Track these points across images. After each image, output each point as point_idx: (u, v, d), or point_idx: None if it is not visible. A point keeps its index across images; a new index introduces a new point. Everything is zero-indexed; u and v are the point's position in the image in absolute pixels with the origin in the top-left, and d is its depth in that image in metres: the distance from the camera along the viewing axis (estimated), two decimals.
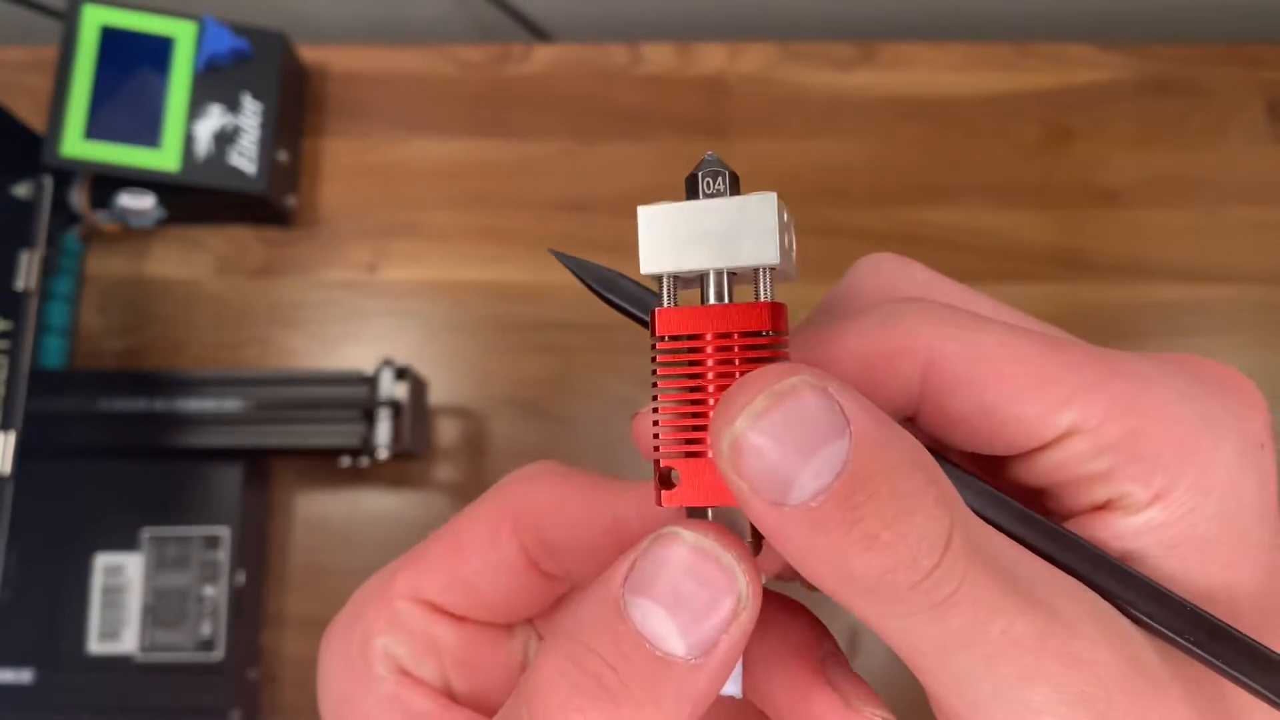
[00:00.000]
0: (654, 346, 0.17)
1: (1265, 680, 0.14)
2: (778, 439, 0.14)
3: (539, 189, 0.55)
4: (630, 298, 0.18)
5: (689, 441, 0.16)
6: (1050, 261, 0.54)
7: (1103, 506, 0.16)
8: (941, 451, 0.17)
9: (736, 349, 0.16)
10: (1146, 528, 0.16)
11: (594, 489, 0.21)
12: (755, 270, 0.16)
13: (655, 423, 0.16)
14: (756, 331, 0.16)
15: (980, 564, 0.14)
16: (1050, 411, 0.16)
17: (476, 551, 0.21)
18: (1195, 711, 0.15)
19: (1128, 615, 0.15)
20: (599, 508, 0.20)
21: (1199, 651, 0.15)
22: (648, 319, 0.17)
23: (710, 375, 0.16)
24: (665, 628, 0.15)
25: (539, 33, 0.63)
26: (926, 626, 0.14)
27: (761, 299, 0.16)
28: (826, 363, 0.16)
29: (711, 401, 0.16)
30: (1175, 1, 0.62)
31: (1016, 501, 0.16)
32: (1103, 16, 0.64)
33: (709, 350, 0.16)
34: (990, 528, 0.15)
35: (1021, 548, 0.15)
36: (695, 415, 0.16)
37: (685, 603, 0.15)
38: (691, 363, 0.16)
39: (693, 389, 0.16)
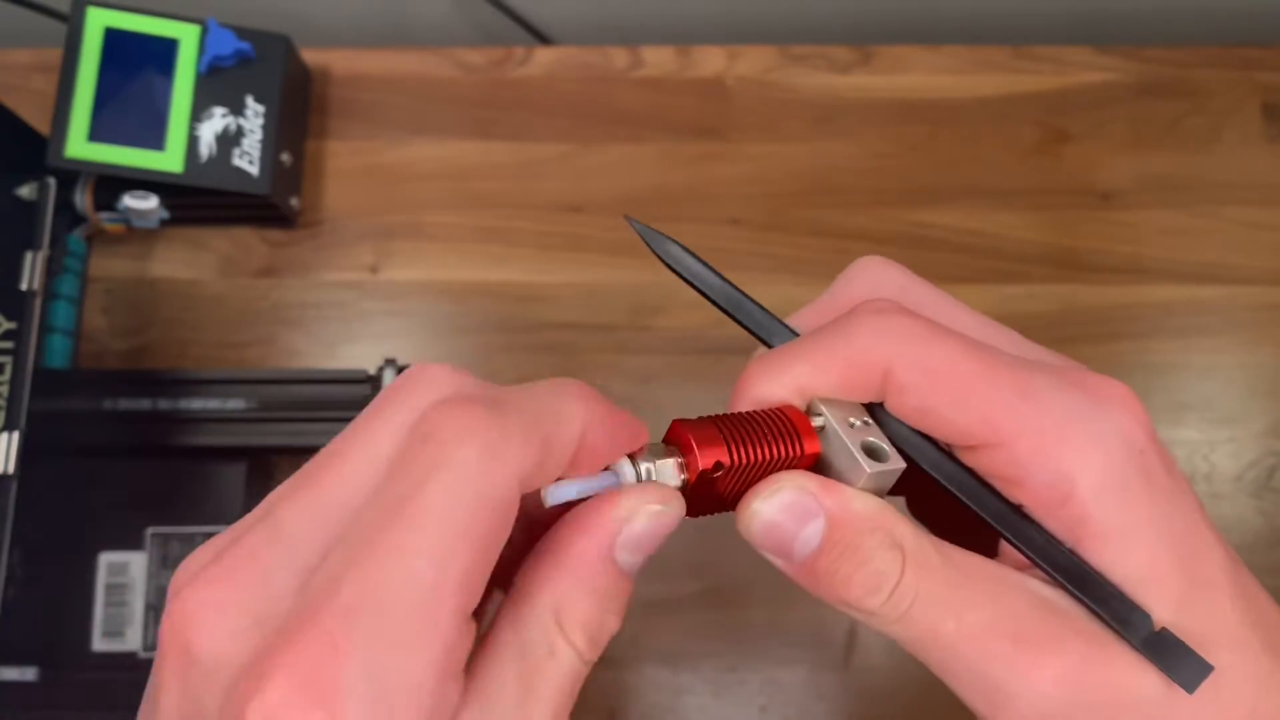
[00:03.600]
0: (787, 418, 0.21)
1: (1108, 610, 0.20)
2: (778, 516, 0.20)
3: (540, 190, 0.55)
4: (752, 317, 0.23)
5: (742, 476, 0.21)
6: (1047, 262, 0.54)
7: (1019, 508, 0.21)
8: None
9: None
10: (1071, 522, 0.20)
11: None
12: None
13: (739, 442, 0.20)
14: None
15: (932, 580, 0.20)
16: (973, 423, 0.20)
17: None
18: (1093, 634, 0.20)
19: (1041, 570, 0.21)
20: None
21: (1074, 591, 0.20)
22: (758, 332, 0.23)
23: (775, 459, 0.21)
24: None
25: (540, 36, 0.63)
26: (904, 629, 0.20)
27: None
28: (815, 376, 0.21)
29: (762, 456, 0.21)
30: (1171, 4, 0.63)
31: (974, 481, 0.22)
32: (1099, 19, 0.64)
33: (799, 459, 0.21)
34: (948, 546, 0.21)
35: (970, 554, 0.21)
36: (754, 451, 0.21)
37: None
38: (785, 446, 0.21)
39: (768, 458, 0.21)
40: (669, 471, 0.20)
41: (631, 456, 0.20)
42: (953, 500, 0.22)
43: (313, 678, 0.14)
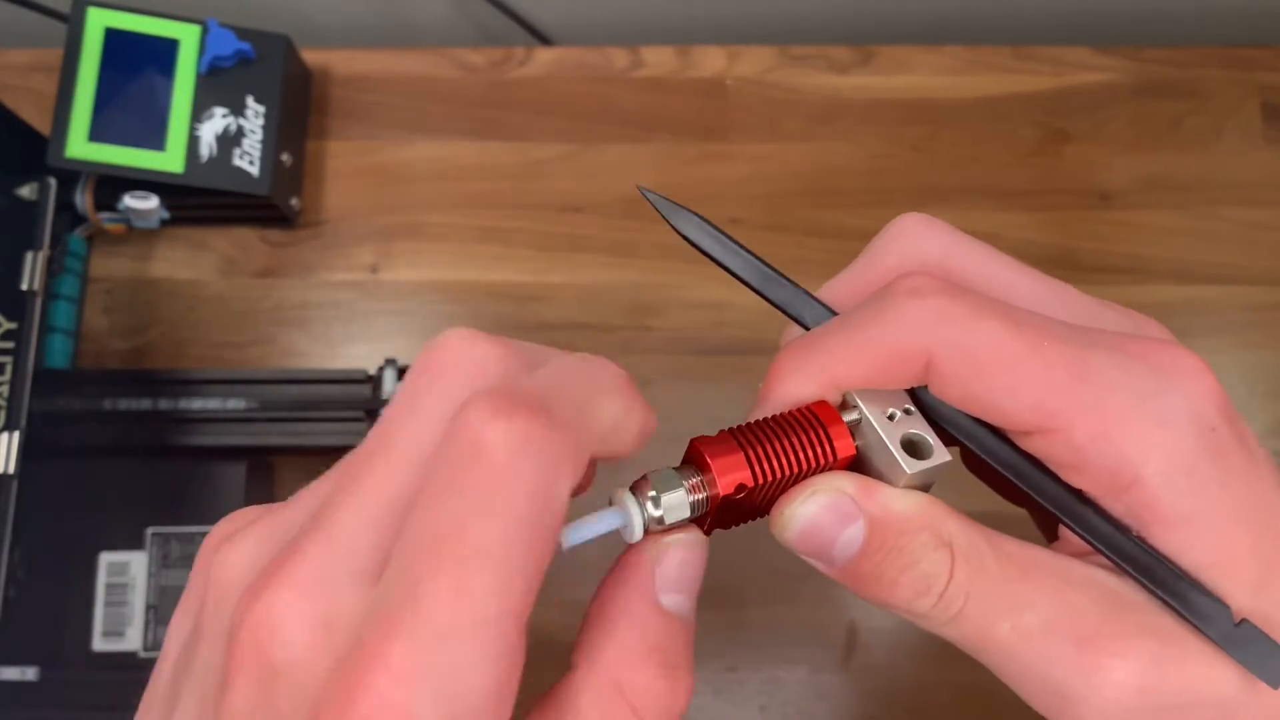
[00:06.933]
0: (817, 420, 0.20)
1: (1187, 608, 0.19)
2: (815, 521, 0.19)
3: (540, 190, 0.55)
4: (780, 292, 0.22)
5: (772, 489, 0.20)
6: (1046, 262, 0.54)
7: (1080, 493, 0.20)
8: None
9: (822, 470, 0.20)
10: (1137, 507, 0.19)
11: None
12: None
13: (764, 444, 0.19)
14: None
15: (985, 579, 0.19)
16: (1024, 409, 0.19)
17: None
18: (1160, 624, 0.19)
19: (1103, 554, 0.19)
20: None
21: (1139, 578, 0.19)
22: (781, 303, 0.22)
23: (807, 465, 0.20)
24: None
25: (540, 36, 0.63)
26: (957, 630, 0.19)
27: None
28: (848, 368, 0.20)
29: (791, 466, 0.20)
30: (1171, 4, 0.63)
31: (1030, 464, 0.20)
32: (1099, 20, 0.64)
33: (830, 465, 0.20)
34: (1003, 538, 0.20)
35: (1027, 545, 0.20)
36: (782, 464, 0.19)
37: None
38: (816, 452, 0.20)
39: (798, 470, 0.20)
40: (679, 504, 0.19)
41: (636, 487, 0.19)
42: None
43: (386, 708, 0.14)
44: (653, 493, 0.19)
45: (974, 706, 0.47)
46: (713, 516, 0.19)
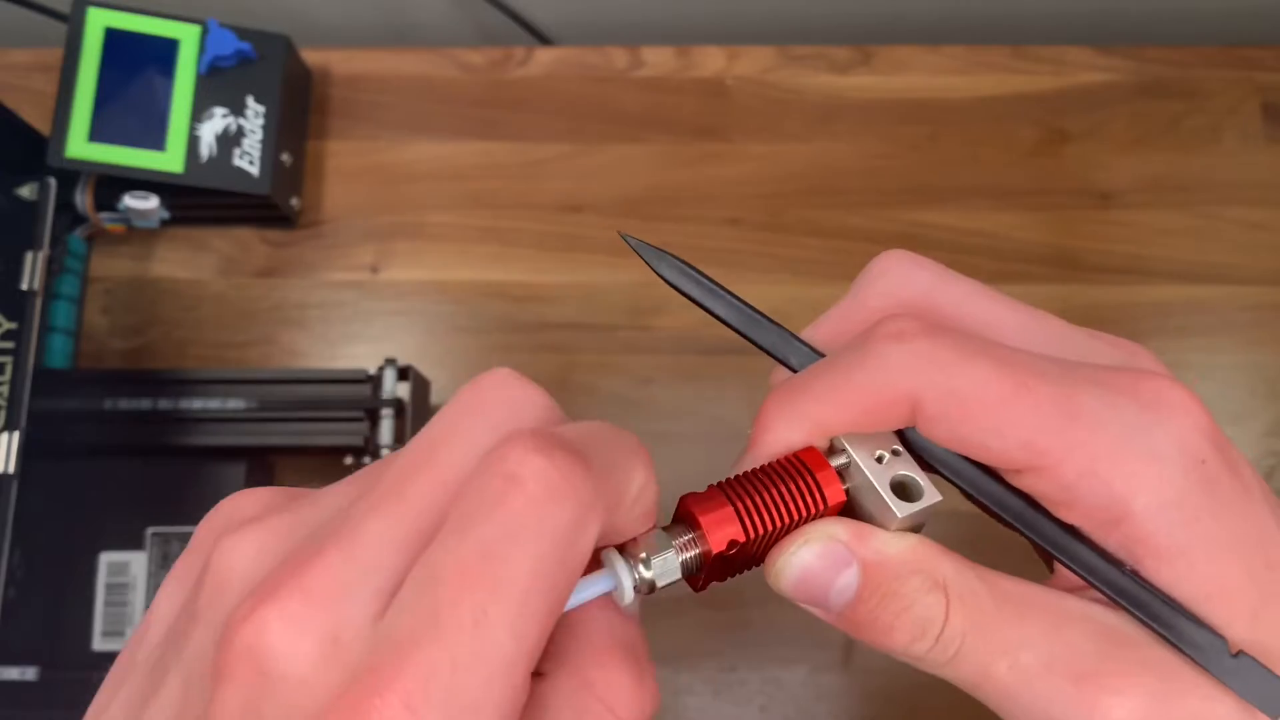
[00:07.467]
0: (805, 470, 0.20)
1: (1183, 640, 0.19)
2: (809, 570, 0.20)
3: (540, 190, 0.55)
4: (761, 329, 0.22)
5: (765, 541, 0.20)
6: (1047, 262, 0.54)
7: (1073, 529, 0.20)
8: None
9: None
10: (1129, 542, 0.19)
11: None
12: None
13: (751, 490, 0.20)
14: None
15: (980, 619, 0.19)
16: (1012, 448, 0.19)
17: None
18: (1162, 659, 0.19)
19: (1097, 588, 0.19)
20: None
21: (1137, 613, 0.19)
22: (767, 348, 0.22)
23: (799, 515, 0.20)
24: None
25: (540, 36, 0.63)
26: (955, 672, 0.20)
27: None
28: (835, 413, 0.20)
29: (780, 517, 0.20)
30: (1171, 4, 0.63)
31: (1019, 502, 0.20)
32: (1099, 19, 0.64)
33: (820, 511, 0.20)
34: (997, 576, 0.20)
35: (1022, 582, 0.20)
36: (772, 516, 0.20)
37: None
38: (807, 500, 0.20)
39: (789, 522, 0.20)
40: (670, 566, 0.19)
41: (625, 549, 0.19)
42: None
43: None
44: (643, 554, 0.18)
45: (973, 708, 0.47)
46: (706, 573, 0.19)
